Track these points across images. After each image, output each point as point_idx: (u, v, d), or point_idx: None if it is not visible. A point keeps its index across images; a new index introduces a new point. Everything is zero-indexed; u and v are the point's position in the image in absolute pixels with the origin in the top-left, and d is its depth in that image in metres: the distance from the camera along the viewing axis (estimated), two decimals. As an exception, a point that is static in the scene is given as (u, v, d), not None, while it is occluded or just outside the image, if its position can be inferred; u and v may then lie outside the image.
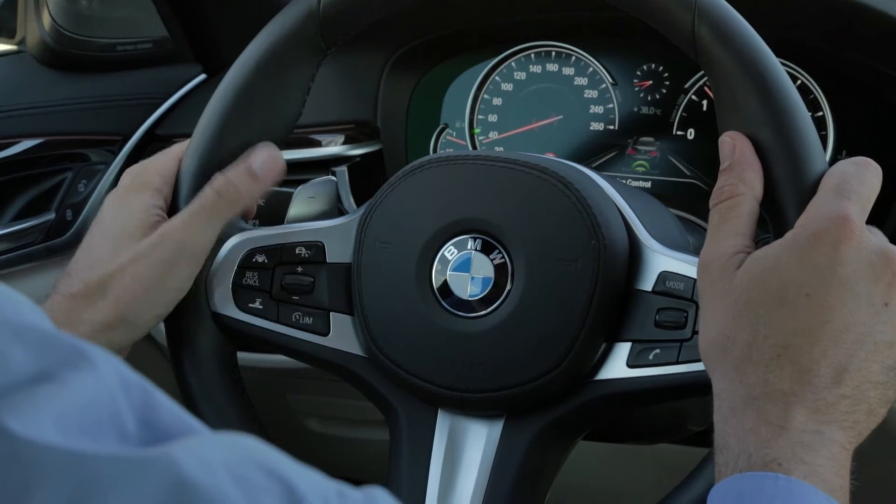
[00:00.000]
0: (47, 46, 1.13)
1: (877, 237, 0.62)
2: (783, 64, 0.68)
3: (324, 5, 0.78)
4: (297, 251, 0.81)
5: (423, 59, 1.16)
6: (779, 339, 0.60)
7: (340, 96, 1.15)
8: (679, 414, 0.91)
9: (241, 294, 0.81)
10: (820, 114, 1.04)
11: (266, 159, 0.80)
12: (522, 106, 1.15)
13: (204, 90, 1.20)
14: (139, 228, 0.78)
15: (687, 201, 1.09)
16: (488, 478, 0.75)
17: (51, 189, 1.10)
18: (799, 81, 1.05)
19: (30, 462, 0.32)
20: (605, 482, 1.20)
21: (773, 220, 0.67)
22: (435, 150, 1.17)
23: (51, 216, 1.10)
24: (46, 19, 1.13)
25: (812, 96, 1.04)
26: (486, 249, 0.75)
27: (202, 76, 1.22)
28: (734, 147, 0.67)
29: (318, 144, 1.11)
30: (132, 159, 1.15)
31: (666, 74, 1.10)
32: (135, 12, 1.20)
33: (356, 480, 0.42)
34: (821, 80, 1.04)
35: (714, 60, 0.69)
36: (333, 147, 1.11)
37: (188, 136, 0.82)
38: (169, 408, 0.38)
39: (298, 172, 1.07)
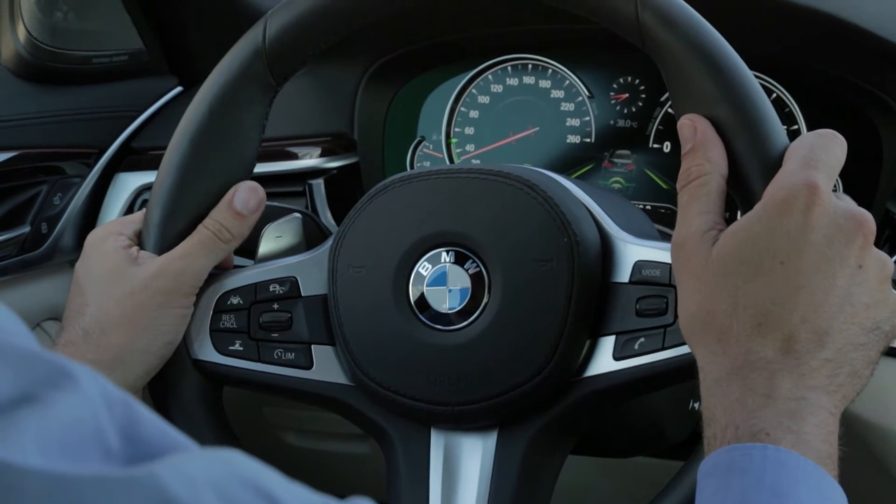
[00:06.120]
0: (22, 59, 1.12)
1: (845, 202, 0.63)
2: (758, 77, 0.68)
3: (269, 42, 0.78)
4: (271, 288, 0.80)
5: (399, 72, 1.16)
6: (758, 308, 0.60)
7: (317, 109, 1.15)
8: (657, 423, 0.91)
9: (220, 338, 0.81)
10: (795, 127, 1.05)
11: (247, 196, 0.81)
12: (499, 118, 1.15)
13: (180, 103, 1.20)
14: (123, 262, 0.78)
15: (663, 213, 1.09)
16: (489, 490, 0.75)
17: (26, 202, 1.09)
18: (774, 95, 1.05)
19: (10, 487, 0.31)
20: (586, 498, 1.20)
21: (740, 195, 0.67)
22: (412, 163, 1.17)
23: (26, 229, 1.09)
24: (21, 32, 1.12)
25: (787, 110, 1.05)
26: (461, 260, 0.75)
27: (178, 88, 1.22)
28: (694, 128, 0.67)
29: (294, 157, 1.11)
30: (108, 172, 1.15)
31: (642, 87, 1.10)
32: (110, 25, 1.20)
33: (335, 494, 0.42)
34: (796, 94, 1.05)
35: (661, 45, 0.69)
36: (310, 160, 1.11)
37: (163, 148, 0.82)
38: (153, 422, 0.37)
39: (275, 185, 1.06)
